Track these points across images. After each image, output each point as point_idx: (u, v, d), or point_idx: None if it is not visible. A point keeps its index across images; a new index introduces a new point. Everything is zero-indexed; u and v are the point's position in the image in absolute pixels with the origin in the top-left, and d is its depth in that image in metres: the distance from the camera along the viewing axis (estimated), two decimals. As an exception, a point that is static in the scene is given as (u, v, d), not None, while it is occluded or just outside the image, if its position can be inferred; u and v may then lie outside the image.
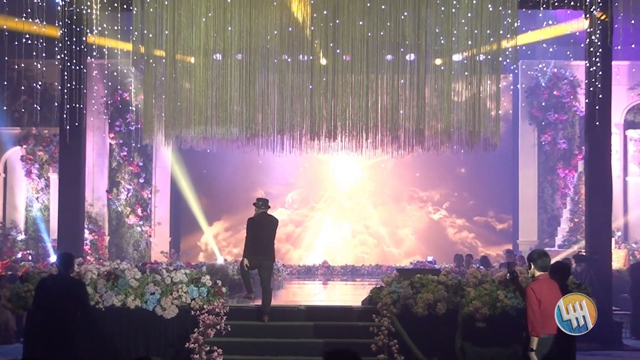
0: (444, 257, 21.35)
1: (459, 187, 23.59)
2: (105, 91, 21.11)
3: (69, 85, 15.19)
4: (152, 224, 21.82)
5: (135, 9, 14.43)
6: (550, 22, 17.77)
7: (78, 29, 15.15)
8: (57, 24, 15.29)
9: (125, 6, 15.22)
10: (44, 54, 15.15)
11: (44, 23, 14.88)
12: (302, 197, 23.98)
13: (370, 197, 23.95)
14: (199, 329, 11.10)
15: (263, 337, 11.49)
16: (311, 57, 14.13)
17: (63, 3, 15.04)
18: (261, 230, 12.12)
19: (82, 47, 15.38)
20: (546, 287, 7.90)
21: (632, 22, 15.39)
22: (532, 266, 8.06)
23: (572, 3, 15.02)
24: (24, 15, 14.85)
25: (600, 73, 14.75)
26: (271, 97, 14.38)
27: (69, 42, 15.18)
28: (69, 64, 15.20)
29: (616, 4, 14.77)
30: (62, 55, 15.27)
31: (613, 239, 17.66)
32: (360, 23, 13.77)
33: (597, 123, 14.81)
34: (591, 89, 14.88)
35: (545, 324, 7.78)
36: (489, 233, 23.31)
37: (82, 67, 15.43)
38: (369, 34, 13.86)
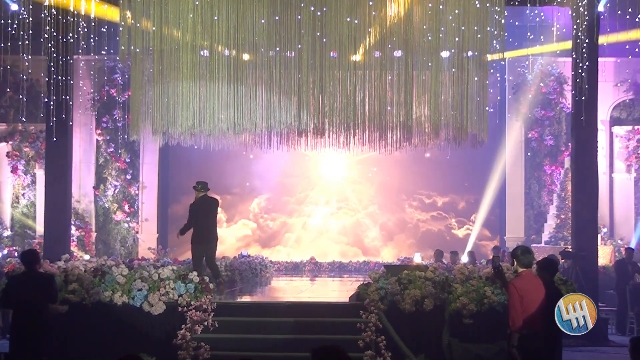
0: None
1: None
2: (92, 87, 21.02)
3: (55, 81, 15.11)
4: (140, 220, 21.73)
5: (122, 4, 14.38)
6: (538, 19, 17.76)
7: (64, 25, 15.06)
8: (42, 19, 15.19)
9: (111, 1, 15.15)
10: (28, 49, 15.06)
11: (30, 19, 14.80)
12: (272, 206, 21.13)
13: (366, 206, 21.70)
14: (186, 325, 11.09)
15: (250, 334, 11.48)
16: (298, 52, 14.12)
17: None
18: (204, 216, 13.15)
19: (69, 42, 15.30)
20: (529, 284, 7.94)
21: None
22: (516, 262, 8.10)
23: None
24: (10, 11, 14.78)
25: (587, 70, 14.81)
26: (259, 93, 14.36)
27: (55, 38, 15.09)
28: (55, 59, 15.12)
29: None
30: (48, 51, 15.19)
31: (599, 236, 17.74)
32: (347, 19, 13.77)
33: (583, 119, 14.87)
34: (577, 84, 14.93)
35: (528, 320, 7.81)
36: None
37: (68, 62, 15.36)
38: (357, 31, 13.88)
